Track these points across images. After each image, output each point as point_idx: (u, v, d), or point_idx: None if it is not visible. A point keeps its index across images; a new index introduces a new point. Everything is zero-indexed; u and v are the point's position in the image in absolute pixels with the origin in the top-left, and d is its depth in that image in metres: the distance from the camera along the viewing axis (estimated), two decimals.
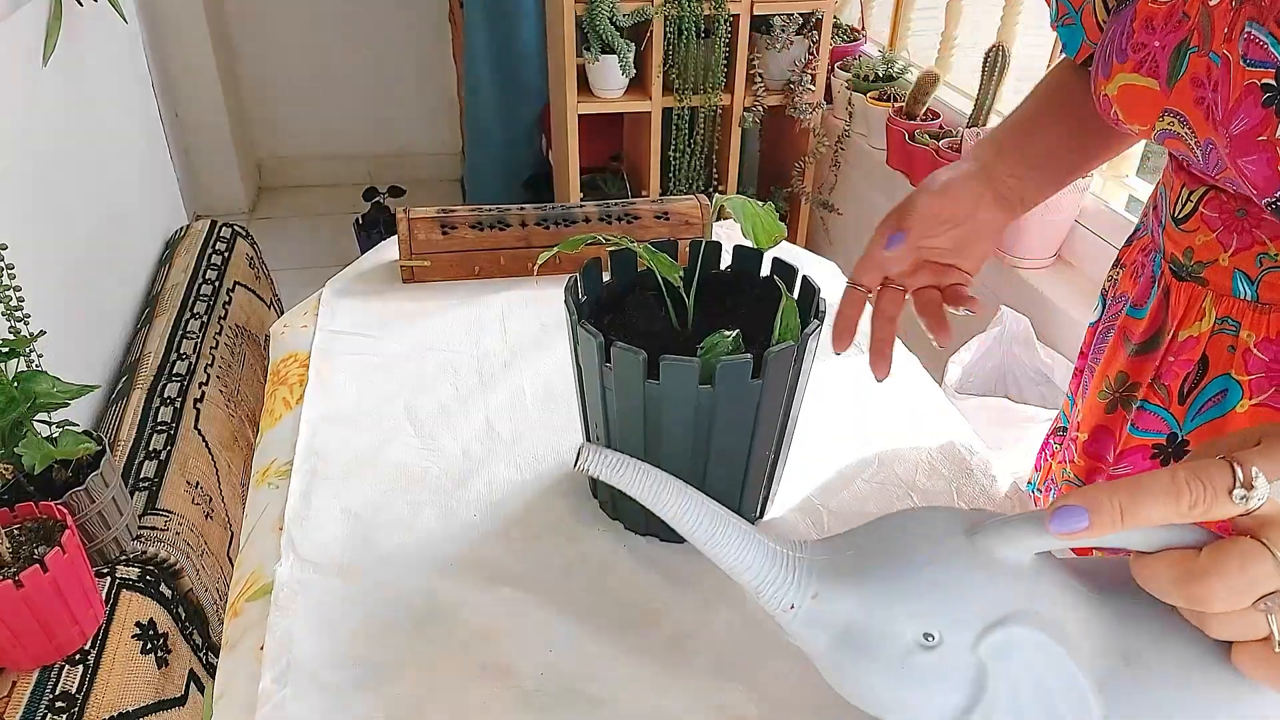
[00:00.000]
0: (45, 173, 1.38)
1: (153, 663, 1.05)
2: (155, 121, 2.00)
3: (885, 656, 0.44)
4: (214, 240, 1.91)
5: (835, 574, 0.46)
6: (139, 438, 1.33)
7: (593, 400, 0.66)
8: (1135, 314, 0.73)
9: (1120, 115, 0.63)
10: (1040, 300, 1.67)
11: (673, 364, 0.58)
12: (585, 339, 0.62)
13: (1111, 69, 0.62)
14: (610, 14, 2.03)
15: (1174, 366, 0.69)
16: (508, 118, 2.77)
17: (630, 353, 0.59)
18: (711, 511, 0.48)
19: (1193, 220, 0.65)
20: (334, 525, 0.72)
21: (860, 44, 2.39)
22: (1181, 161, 0.66)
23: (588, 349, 0.62)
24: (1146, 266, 0.72)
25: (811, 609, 0.46)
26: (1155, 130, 0.61)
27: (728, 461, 0.65)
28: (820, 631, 0.46)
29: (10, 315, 1.00)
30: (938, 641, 0.43)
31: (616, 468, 0.49)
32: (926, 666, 0.43)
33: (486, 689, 0.59)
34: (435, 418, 0.83)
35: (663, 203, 1.08)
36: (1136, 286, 0.73)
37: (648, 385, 0.60)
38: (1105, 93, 0.64)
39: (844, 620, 0.45)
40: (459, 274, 1.04)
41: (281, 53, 3.07)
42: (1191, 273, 0.67)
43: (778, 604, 0.46)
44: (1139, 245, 0.76)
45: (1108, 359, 0.76)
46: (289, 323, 0.99)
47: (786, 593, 0.46)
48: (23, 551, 0.91)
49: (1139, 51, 0.60)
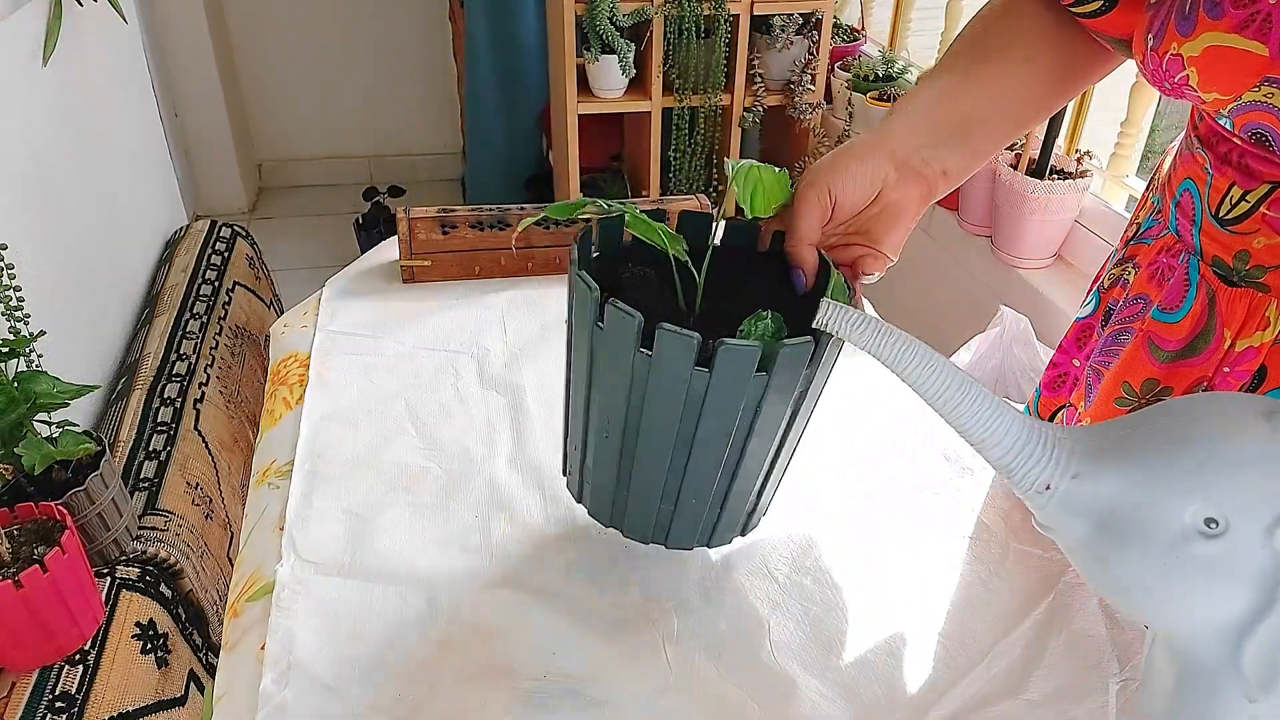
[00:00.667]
0: (45, 173, 1.38)
1: (153, 663, 1.05)
2: (155, 121, 2.00)
3: (1157, 544, 0.37)
4: (214, 240, 1.91)
5: (1101, 451, 0.39)
6: (139, 438, 1.33)
7: (579, 363, 0.60)
8: (1166, 318, 0.66)
9: (1193, 79, 0.55)
10: (1040, 300, 1.67)
11: (671, 336, 0.51)
12: (582, 292, 0.56)
13: (1195, 25, 0.53)
14: (610, 14, 2.03)
15: (1229, 377, 0.63)
16: (508, 118, 2.77)
17: (625, 316, 0.52)
18: (959, 377, 0.42)
19: (1249, 221, 0.59)
20: (334, 525, 0.72)
21: (860, 44, 2.39)
22: (1231, 156, 0.60)
23: (583, 305, 0.56)
24: (1176, 269, 0.66)
25: (1071, 490, 0.39)
26: (1237, 102, 0.54)
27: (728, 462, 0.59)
28: (1078, 518, 0.40)
29: (10, 315, 1.00)
30: (1222, 528, 0.36)
31: (857, 325, 0.45)
32: (1207, 558, 0.36)
33: (487, 689, 0.59)
34: (436, 418, 0.83)
35: (663, 203, 1.08)
36: (1163, 289, 0.67)
37: (638, 357, 0.53)
38: (1176, 52, 0.55)
39: (1108, 503, 0.39)
40: (459, 274, 1.04)
41: (281, 53, 3.07)
42: (1247, 278, 0.61)
43: (1031, 484, 0.40)
44: (1160, 245, 0.68)
45: (1126, 364, 0.69)
46: (289, 323, 0.99)
47: (1042, 471, 0.40)
48: (22, 552, 0.91)
49: (1244, 8, 0.51)
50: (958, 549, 0.72)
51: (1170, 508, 0.37)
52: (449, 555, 0.69)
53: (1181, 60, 0.55)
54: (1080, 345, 0.77)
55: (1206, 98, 0.55)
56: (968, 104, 0.65)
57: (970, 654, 0.64)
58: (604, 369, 0.56)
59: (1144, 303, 0.69)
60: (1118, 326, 0.72)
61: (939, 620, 0.66)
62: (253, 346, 1.78)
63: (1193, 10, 0.54)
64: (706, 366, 0.52)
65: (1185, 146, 0.66)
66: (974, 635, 0.65)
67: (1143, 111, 1.61)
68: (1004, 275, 1.74)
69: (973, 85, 0.66)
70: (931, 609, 0.67)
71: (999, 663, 0.63)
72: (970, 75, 0.66)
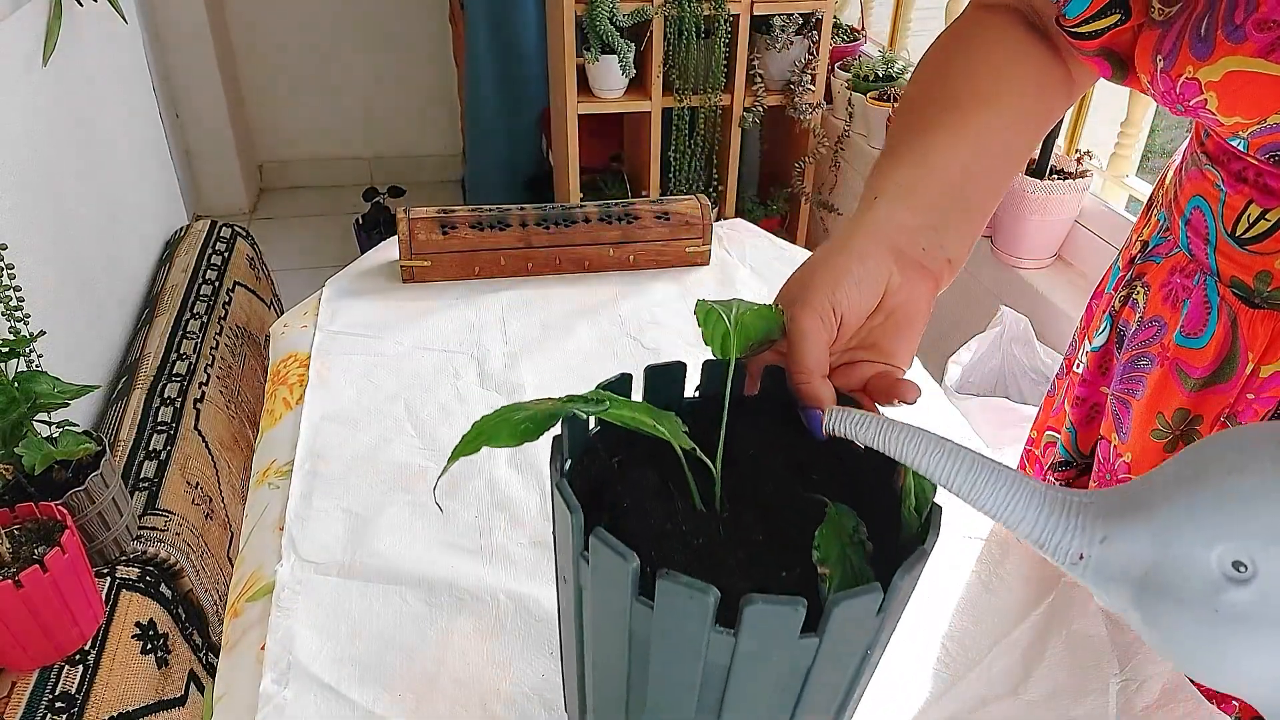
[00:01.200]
0: (45, 173, 1.38)
1: (153, 663, 1.05)
2: (155, 122, 2.00)
3: (1194, 599, 0.34)
4: (214, 240, 1.91)
5: (1124, 510, 0.37)
6: (139, 438, 1.33)
7: (565, 594, 0.45)
8: (1190, 344, 0.62)
9: (1212, 104, 0.52)
10: (1040, 300, 1.67)
11: (677, 589, 0.36)
12: (561, 511, 0.41)
13: (1213, 49, 0.50)
14: (610, 14, 2.03)
15: (1253, 405, 0.60)
16: (508, 118, 2.77)
17: (617, 556, 0.37)
18: (972, 460, 0.40)
19: (1270, 241, 0.56)
20: (335, 525, 0.72)
21: (860, 44, 2.39)
22: (1246, 174, 0.57)
23: (564, 525, 0.42)
24: (1193, 290, 0.62)
25: (1103, 556, 0.37)
26: (1260, 125, 0.51)
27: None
28: (1118, 583, 0.37)
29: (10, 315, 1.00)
30: (1251, 572, 0.33)
31: (862, 426, 0.43)
32: (1243, 606, 0.33)
33: (488, 690, 0.59)
34: (436, 418, 0.83)
35: (663, 203, 1.08)
36: (1180, 312, 0.63)
37: (636, 608, 0.38)
38: (1193, 76, 0.52)
39: (1141, 563, 0.36)
40: (459, 274, 1.04)
41: (282, 53, 3.07)
42: (1270, 299, 0.58)
43: (1064, 556, 0.38)
44: (1171, 264, 0.65)
45: (1156, 394, 0.65)
46: (289, 323, 0.99)
47: (1072, 540, 0.38)
48: (23, 552, 0.91)
49: (1269, 32, 0.48)
50: (958, 549, 0.72)
51: (1196, 556, 0.34)
52: (449, 555, 0.69)
53: (1199, 85, 0.52)
54: (1103, 373, 0.74)
55: (1227, 122, 0.53)
56: (957, 167, 0.56)
57: (970, 654, 0.64)
58: (596, 614, 0.42)
59: (1159, 326, 0.65)
60: (1134, 351, 0.68)
61: (939, 620, 0.66)
62: (253, 346, 1.78)
63: (1209, 33, 0.51)
64: (730, 627, 0.37)
65: (1191, 162, 0.63)
66: (973, 635, 0.65)
67: (1142, 111, 1.61)
68: (1004, 275, 1.74)
69: (959, 142, 0.57)
70: (931, 609, 0.67)
71: (999, 663, 0.63)
72: (952, 129, 0.57)
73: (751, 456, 0.48)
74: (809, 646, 0.38)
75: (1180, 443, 0.64)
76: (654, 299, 1.02)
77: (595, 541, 0.38)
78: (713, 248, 1.09)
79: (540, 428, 0.41)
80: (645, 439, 0.44)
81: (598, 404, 0.42)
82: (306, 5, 3.00)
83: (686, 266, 1.08)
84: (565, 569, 0.44)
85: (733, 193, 2.40)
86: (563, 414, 0.41)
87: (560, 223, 1.05)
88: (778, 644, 0.37)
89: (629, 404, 0.43)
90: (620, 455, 0.48)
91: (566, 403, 0.42)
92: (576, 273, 1.06)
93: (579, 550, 0.40)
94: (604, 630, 0.42)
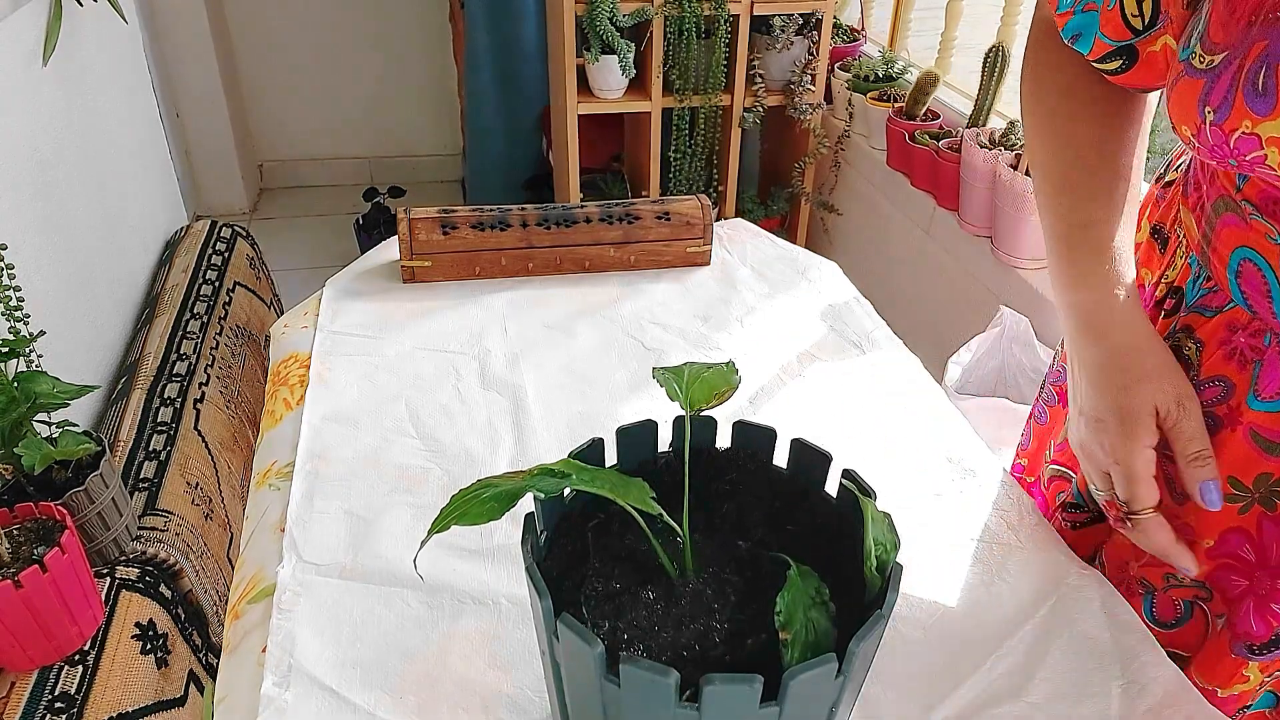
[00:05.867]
0: (45, 173, 1.38)
1: (152, 663, 1.05)
2: (155, 122, 2.00)
3: None
4: (214, 240, 1.91)
5: None
6: (139, 438, 1.33)
7: (547, 663, 0.47)
8: (1269, 408, 0.59)
9: (1273, 159, 0.50)
10: (1040, 300, 1.67)
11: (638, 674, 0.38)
12: (532, 595, 0.43)
13: (1276, 104, 0.48)
14: (610, 14, 2.03)
15: None
16: (508, 118, 2.77)
17: (581, 642, 0.39)
18: None
19: None
20: (336, 527, 0.72)
21: (860, 44, 2.39)
22: None
23: (536, 607, 0.44)
24: (1265, 351, 0.59)
25: None
26: None
27: None
28: None
29: (10, 315, 1.00)
30: None
31: None
32: None
33: (488, 691, 0.59)
34: (436, 418, 0.83)
35: (663, 203, 1.08)
36: (1249, 373, 0.60)
37: (606, 686, 0.40)
38: (1251, 131, 0.50)
39: None
40: (459, 274, 1.04)
41: (282, 53, 3.07)
42: None
43: None
44: (1226, 320, 0.62)
45: (1232, 459, 0.62)
46: (289, 323, 0.99)
47: None
48: (22, 552, 0.91)
49: None
50: (960, 551, 0.72)
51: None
52: (450, 557, 0.69)
53: (1259, 140, 0.50)
54: None
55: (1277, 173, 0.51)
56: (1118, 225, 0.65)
57: (972, 656, 0.64)
58: (571, 685, 0.44)
59: (1225, 386, 0.62)
60: None
61: (941, 622, 0.66)
62: (253, 346, 1.78)
63: (1269, 85, 0.48)
64: (695, 701, 0.39)
65: (1224, 206, 0.60)
66: (976, 637, 0.65)
67: None
68: (1004, 275, 1.74)
69: (1115, 202, 0.66)
70: (934, 611, 0.67)
71: (1001, 665, 0.63)
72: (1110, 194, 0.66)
73: (725, 512, 0.49)
74: (770, 715, 0.39)
75: (1257, 505, 0.61)
76: (655, 299, 1.02)
77: (562, 628, 0.40)
78: (713, 248, 1.09)
79: (505, 505, 0.42)
80: None
81: (563, 478, 0.43)
82: (306, 5, 3.00)
83: (687, 266, 1.08)
84: (542, 642, 0.46)
85: (733, 193, 2.40)
86: (529, 490, 0.43)
87: (561, 223, 1.05)
88: (739, 717, 0.39)
89: (596, 473, 0.45)
90: (596, 518, 0.49)
91: (534, 478, 0.43)
92: (577, 273, 1.06)
93: (551, 631, 0.42)
94: (581, 697, 0.44)
